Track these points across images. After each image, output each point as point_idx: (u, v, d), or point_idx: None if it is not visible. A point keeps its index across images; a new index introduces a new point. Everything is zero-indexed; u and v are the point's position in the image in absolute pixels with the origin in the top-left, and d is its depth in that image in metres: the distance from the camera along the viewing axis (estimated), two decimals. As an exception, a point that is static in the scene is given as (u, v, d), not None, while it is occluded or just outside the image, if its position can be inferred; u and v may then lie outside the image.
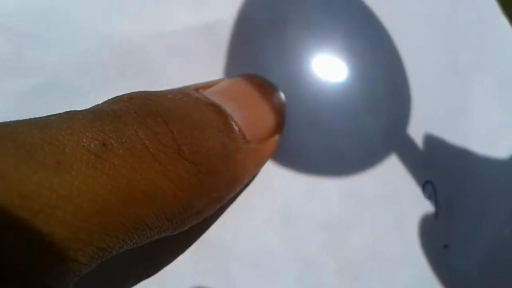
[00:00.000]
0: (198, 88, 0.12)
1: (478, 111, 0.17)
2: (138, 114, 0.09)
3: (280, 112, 0.13)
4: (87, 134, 0.08)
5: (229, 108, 0.12)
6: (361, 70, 0.16)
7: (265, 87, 0.14)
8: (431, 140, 0.16)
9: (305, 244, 0.14)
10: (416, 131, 0.16)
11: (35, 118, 0.09)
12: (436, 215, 0.16)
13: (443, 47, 0.17)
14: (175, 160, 0.09)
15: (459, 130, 0.17)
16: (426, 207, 0.16)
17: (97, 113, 0.09)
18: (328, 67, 0.16)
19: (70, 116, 0.09)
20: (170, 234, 0.11)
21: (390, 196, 0.15)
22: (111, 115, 0.09)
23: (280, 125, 0.13)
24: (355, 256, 0.15)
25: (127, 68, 0.13)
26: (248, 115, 0.12)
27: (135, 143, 0.09)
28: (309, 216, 0.15)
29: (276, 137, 0.13)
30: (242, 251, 0.14)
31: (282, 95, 0.14)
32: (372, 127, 0.16)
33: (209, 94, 0.12)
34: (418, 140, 0.16)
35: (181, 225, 0.10)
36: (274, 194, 0.15)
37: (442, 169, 0.16)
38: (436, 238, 0.16)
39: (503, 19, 0.17)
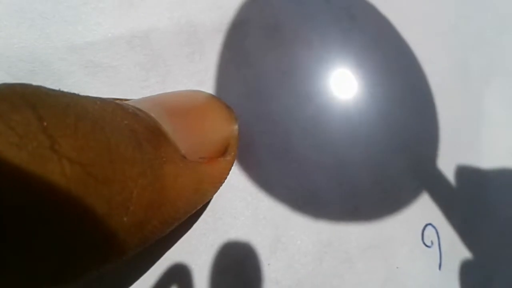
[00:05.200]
0: (115, 99, 0.09)
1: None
2: None
3: (230, 131, 0.10)
4: None
5: (156, 113, 0.09)
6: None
7: (210, 102, 0.10)
8: (434, 173, 0.13)
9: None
10: (411, 160, 0.13)
11: None
12: (439, 266, 0.12)
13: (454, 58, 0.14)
14: (44, 158, 0.06)
15: (469, 159, 0.13)
16: (426, 256, 0.12)
17: None
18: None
19: None
20: None
21: (378, 245, 0.12)
22: None
23: (231, 145, 0.10)
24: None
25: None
26: (183, 125, 0.09)
27: None
28: (270, 276, 0.11)
29: (228, 158, 0.10)
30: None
31: (235, 120, 0.11)
32: (354, 160, 0.12)
33: (131, 102, 0.09)
34: (416, 173, 0.13)
35: None
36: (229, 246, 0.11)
37: (446, 209, 0.13)
38: (440, 299, 0.12)
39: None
